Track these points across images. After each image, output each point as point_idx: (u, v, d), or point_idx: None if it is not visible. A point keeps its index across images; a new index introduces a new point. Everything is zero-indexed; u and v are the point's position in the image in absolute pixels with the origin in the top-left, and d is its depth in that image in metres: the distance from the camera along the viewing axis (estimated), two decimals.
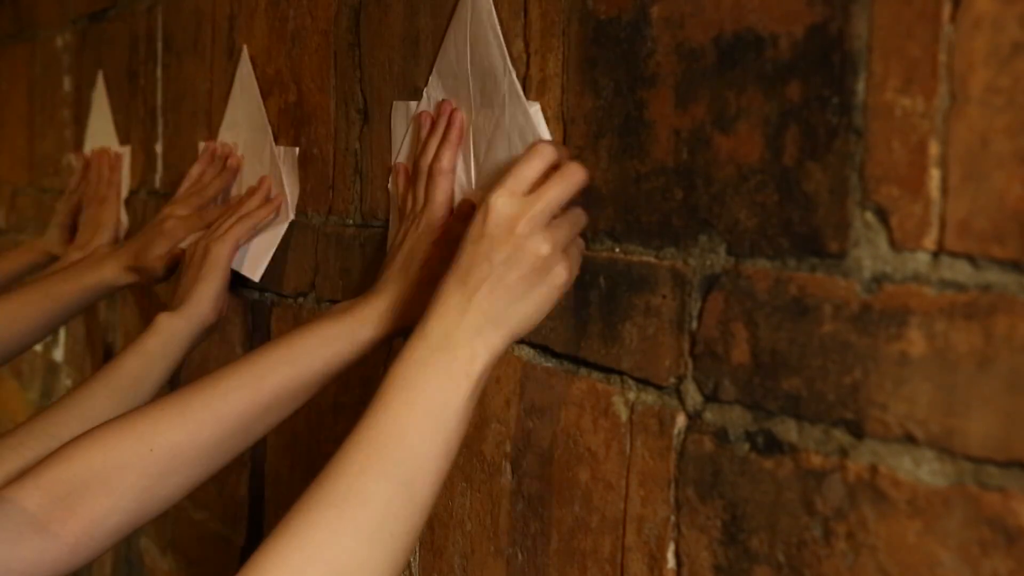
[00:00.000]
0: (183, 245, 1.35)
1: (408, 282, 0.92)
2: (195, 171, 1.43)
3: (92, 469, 0.85)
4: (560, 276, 0.74)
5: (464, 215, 0.92)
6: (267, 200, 1.29)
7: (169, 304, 1.23)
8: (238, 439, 0.91)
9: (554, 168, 0.76)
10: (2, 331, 1.36)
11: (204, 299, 1.20)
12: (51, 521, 0.82)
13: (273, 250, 1.28)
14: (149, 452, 0.87)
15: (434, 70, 0.98)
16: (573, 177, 0.76)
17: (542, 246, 0.73)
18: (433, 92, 0.98)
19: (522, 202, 0.74)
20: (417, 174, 0.97)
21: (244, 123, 1.38)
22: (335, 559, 0.66)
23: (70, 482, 0.84)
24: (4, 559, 0.80)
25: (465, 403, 0.72)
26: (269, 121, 1.31)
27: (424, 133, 0.98)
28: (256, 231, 1.29)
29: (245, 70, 1.37)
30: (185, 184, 1.43)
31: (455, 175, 0.94)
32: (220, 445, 0.90)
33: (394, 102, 1.05)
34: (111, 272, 1.40)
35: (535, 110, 0.86)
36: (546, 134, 0.85)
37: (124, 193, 1.79)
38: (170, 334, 1.16)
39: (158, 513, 0.90)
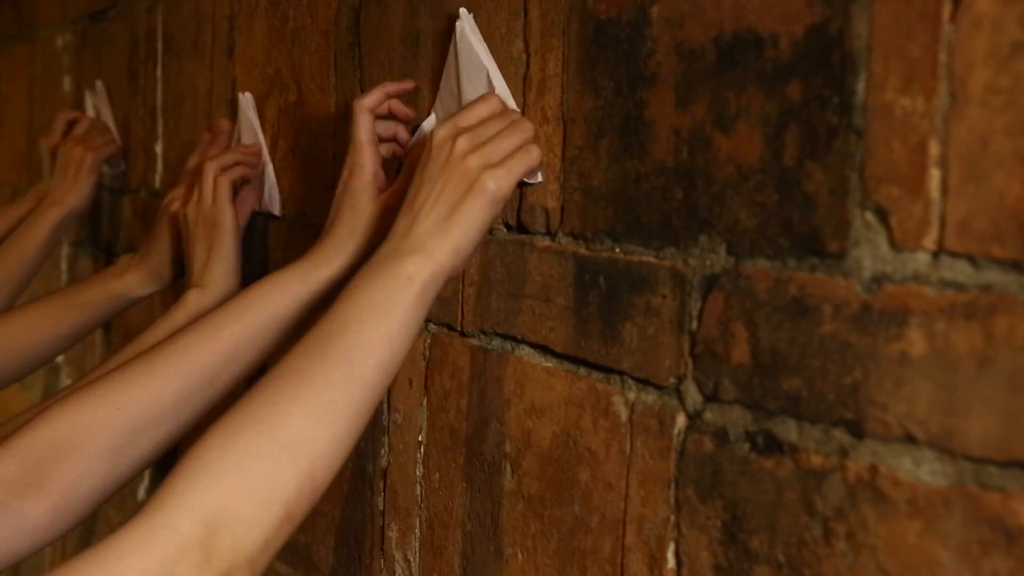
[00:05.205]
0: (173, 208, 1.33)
1: (357, 220, 0.97)
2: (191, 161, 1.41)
3: (63, 434, 0.87)
4: (485, 186, 0.80)
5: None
6: (241, 150, 1.29)
7: (188, 278, 1.22)
8: (204, 392, 0.94)
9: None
10: (25, 339, 1.36)
11: (228, 273, 1.21)
12: (28, 488, 0.84)
13: (275, 182, 1.30)
14: (116, 411, 0.89)
15: (437, 99, 0.98)
16: (521, 125, 0.84)
17: (471, 159, 0.81)
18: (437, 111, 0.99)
19: (460, 128, 0.83)
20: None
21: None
22: (282, 425, 0.72)
23: (42, 448, 0.86)
24: None
25: (409, 303, 0.78)
26: (269, 121, 1.32)
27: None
28: (250, 177, 1.29)
29: (248, 115, 1.35)
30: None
31: (372, 115, 0.97)
32: (186, 399, 0.93)
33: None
34: (135, 281, 1.38)
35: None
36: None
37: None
38: (198, 311, 1.16)
39: (132, 475, 0.92)
